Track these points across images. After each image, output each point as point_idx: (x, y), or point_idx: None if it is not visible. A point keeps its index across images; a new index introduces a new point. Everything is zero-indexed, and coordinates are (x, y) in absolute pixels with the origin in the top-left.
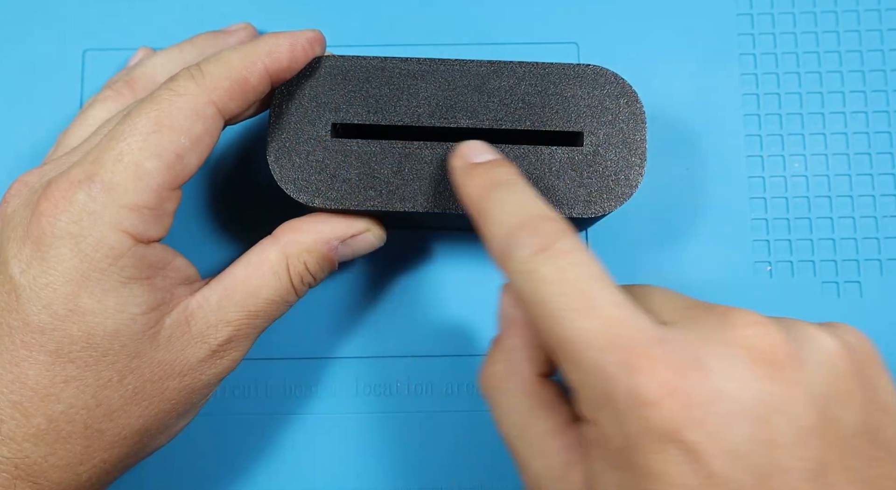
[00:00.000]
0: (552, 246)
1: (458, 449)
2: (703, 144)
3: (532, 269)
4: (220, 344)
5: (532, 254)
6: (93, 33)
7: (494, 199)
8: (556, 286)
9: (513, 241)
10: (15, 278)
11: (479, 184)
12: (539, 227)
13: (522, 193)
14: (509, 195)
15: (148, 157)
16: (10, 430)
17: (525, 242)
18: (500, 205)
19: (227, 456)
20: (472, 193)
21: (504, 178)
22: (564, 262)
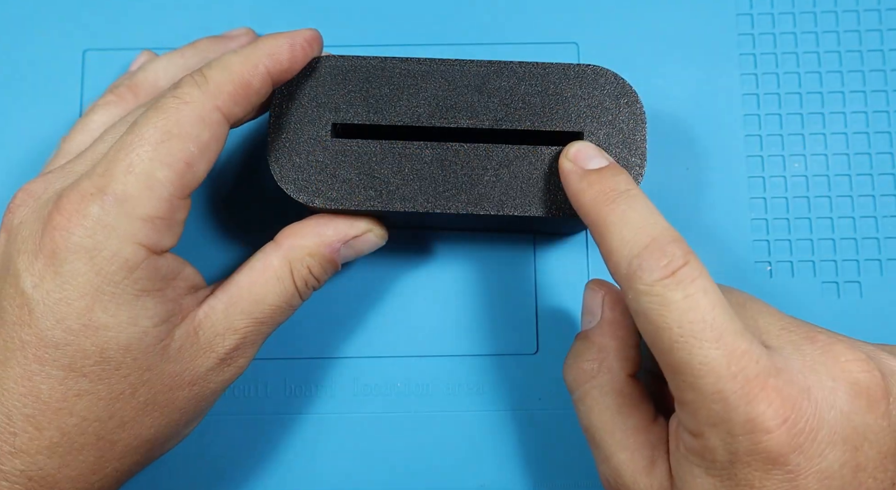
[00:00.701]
0: (680, 271)
1: (458, 449)
2: (703, 144)
3: (660, 293)
4: (227, 352)
5: (661, 278)
6: (93, 33)
7: (618, 211)
8: (685, 314)
9: (640, 261)
10: (27, 292)
11: (598, 192)
12: (667, 249)
13: (645, 207)
14: (632, 211)
15: (158, 167)
16: (24, 443)
17: (653, 265)
18: (624, 219)
19: (227, 456)
20: (591, 203)
21: (624, 188)
22: (693, 289)
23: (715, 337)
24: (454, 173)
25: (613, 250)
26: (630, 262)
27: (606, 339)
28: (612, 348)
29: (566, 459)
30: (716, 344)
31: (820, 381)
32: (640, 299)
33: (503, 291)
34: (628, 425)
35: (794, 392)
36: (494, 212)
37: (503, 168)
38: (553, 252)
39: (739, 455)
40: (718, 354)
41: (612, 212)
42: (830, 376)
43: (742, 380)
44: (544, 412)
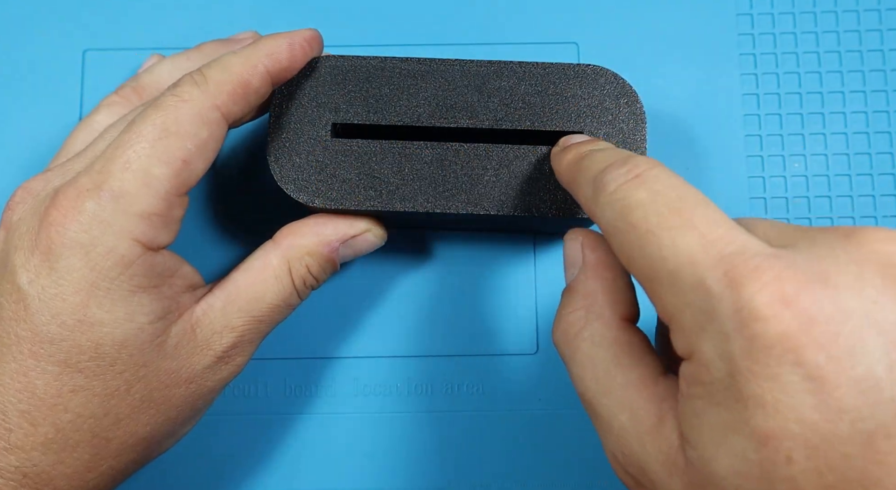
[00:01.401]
0: (645, 173)
1: (459, 449)
2: (703, 144)
3: (624, 195)
4: (225, 350)
5: (624, 182)
6: (93, 33)
7: (589, 157)
8: (650, 206)
9: (602, 175)
10: (23, 288)
11: (574, 153)
12: (631, 159)
13: (616, 149)
14: (603, 152)
15: (156, 164)
16: (19, 439)
17: (615, 174)
18: (593, 159)
19: (227, 456)
20: (566, 165)
21: (599, 146)
22: (659, 186)
23: (685, 222)
24: (454, 173)
25: (580, 183)
26: (595, 180)
27: (590, 282)
28: (598, 291)
29: (566, 459)
30: (688, 229)
31: (839, 266)
32: (605, 212)
33: (503, 291)
34: (628, 379)
35: (798, 274)
36: (494, 212)
37: (503, 168)
38: (553, 252)
39: (736, 361)
40: (691, 240)
41: (585, 159)
42: (854, 260)
43: (727, 263)
44: (544, 412)
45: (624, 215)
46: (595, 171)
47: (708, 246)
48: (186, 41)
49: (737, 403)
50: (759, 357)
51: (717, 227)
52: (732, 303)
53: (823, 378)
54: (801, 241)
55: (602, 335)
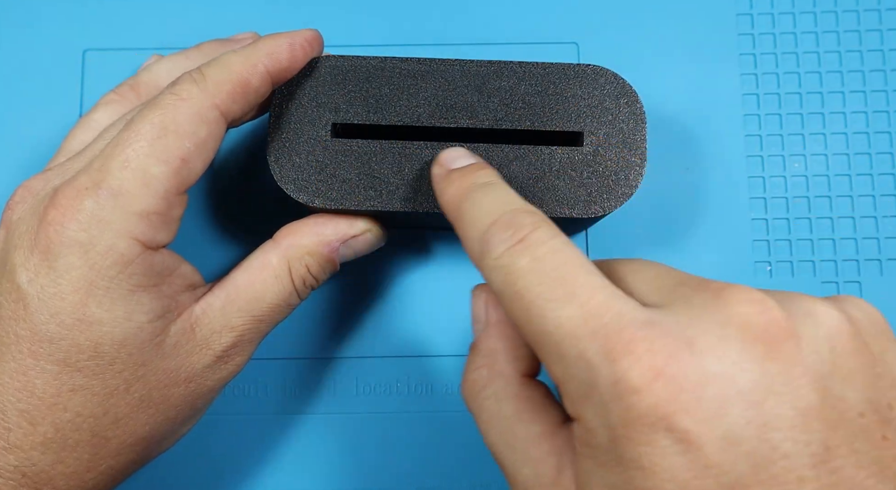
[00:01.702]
0: (528, 237)
1: (458, 449)
2: (703, 144)
3: (508, 262)
4: (224, 350)
5: (508, 248)
6: (93, 33)
7: (471, 199)
8: (533, 276)
9: (488, 237)
10: (23, 287)
11: (456, 188)
12: (514, 220)
13: (499, 192)
14: (485, 196)
15: (154, 162)
16: (18, 439)
17: (500, 238)
18: (477, 205)
19: (227, 456)
20: (449, 199)
21: (482, 181)
22: (541, 252)
23: (567, 294)
24: None
25: (466, 236)
26: (480, 240)
27: (492, 340)
28: (500, 350)
29: None
30: (569, 301)
31: (705, 330)
32: (492, 276)
33: None
34: (530, 434)
35: (668, 344)
36: None
37: (503, 168)
38: None
39: (616, 429)
40: (573, 312)
41: (467, 201)
42: (718, 323)
43: (602, 336)
44: None
45: (509, 283)
46: (481, 228)
47: (588, 318)
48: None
49: (618, 466)
50: (635, 425)
51: (595, 294)
52: (610, 375)
53: (690, 440)
54: (677, 302)
55: (504, 392)
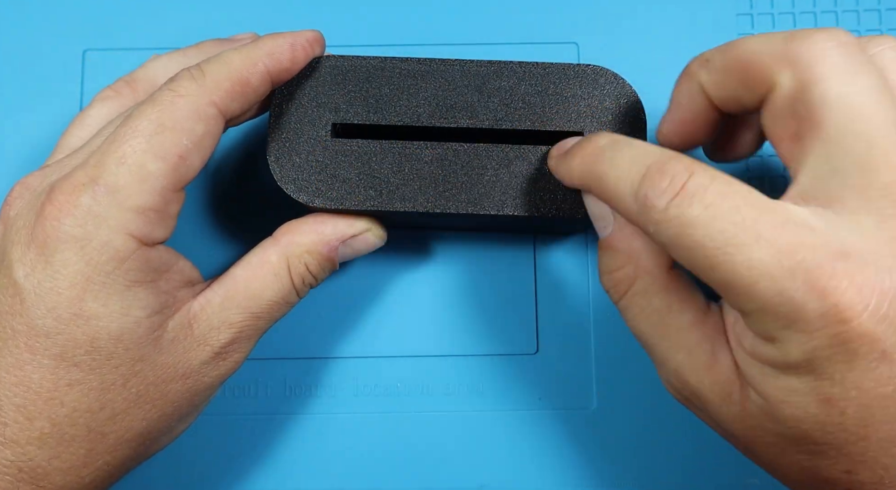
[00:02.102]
0: (688, 184)
1: (458, 449)
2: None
3: (678, 214)
4: (222, 346)
5: (671, 198)
6: (93, 33)
7: (605, 160)
8: (711, 225)
9: (645, 191)
10: (19, 282)
11: (582, 157)
12: (665, 169)
13: (631, 145)
14: (618, 152)
15: (151, 159)
16: (14, 434)
17: (658, 190)
18: (614, 164)
19: (227, 456)
20: (578, 169)
21: (604, 142)
22: (709, 198)
23: (752, 237)
24: (454, 173)
25: (615, 195)
26: (635, 197)
27: (629, 240)
28: (639, 248)
29: (566, 459)
30: (756, 244)
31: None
32: (661, 229)
33: (503, 291)
34: (682, 323)
35: (870, 274)
36: (494, 212)
37: (503, 168)
38: (553, 252)
39: (818, 351)
40: (763, 254)
41: (600, 163)
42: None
43: (802, 274)
44: (544, 412)
45: (685, 235)
46: (631, 184)
47: (781, 258)
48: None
49: (808, 375)
50: (839, 349)
51: (780, 233)
52: (817, 309)
53: (887, 356)
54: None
55: (653, 287)
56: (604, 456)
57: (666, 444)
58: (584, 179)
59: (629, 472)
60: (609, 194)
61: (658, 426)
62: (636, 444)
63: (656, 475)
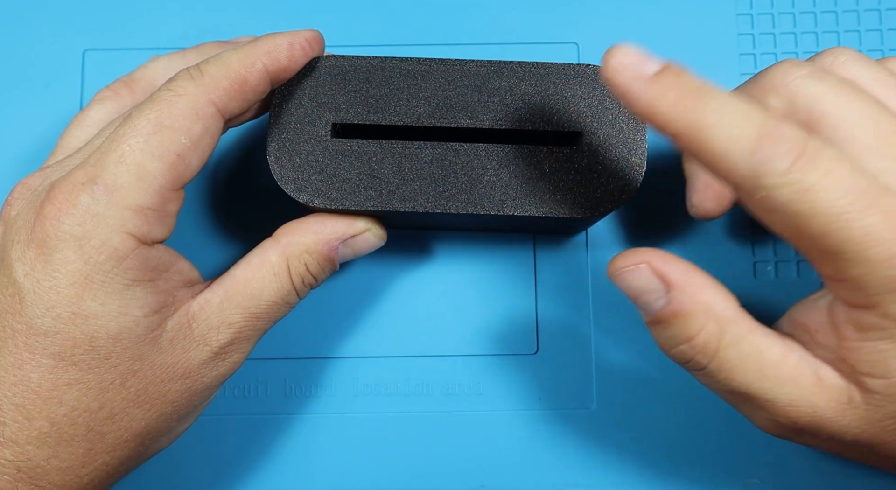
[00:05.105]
0: (807, 149)
1: (458, 449)
2: None
3: (798, 179)
4: (221, 346)
5: (791, 163)
6: (93, 33)
7: (710, 110)
8: (832, 190)
9: (762, 155)
10: (19, 281)
11: (676, 97)
12: (781, 133)
13: (730, 98)
14: (723, 106)
15: (149, 158)
16: (13, 433)
17: (778, 153)
18: (723, 115)
19: (227, 456)
20: (673, 109)
21: (697, 85)
22: (826, 164)
23: (870, 201)
24: (454, 173)
25: (723, 152)
26: (750, 159)
27: (699, 295)
28: (711, 300)
29: (566, 459)
30: (873, 208)
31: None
32: (776, 194)
33: (503, 291)
34: (776, 357)
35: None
36: (494, 212)
37: (503, 168)
38: (553, 252)
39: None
40: (879, 219)
41: (705, 112)
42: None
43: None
44: (544, 412)
45: (804, 201)
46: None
47: (892, 221)
48: (186, 41)
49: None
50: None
51: (889, 197)
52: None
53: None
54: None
55: (739, 333)
56: (604, 456)
57: (666, 444)
58: (675, 123)
59: (629, 472)
60: (713, 149)
61: (658, 426)
62: (636, 444)
63: (656, 475)
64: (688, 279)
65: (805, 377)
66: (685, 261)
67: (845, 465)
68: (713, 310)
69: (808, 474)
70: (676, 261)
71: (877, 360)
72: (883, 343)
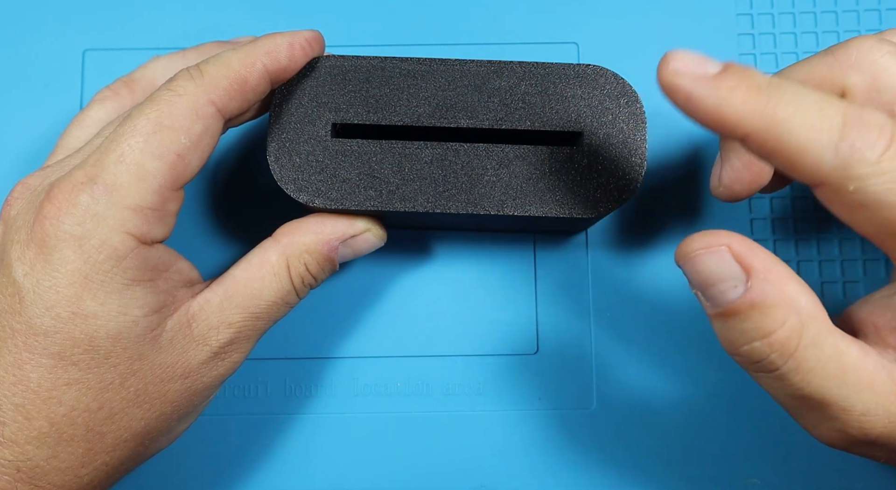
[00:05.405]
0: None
1: (458, 449)
2: (703, 145)
3: (891, 167)
4: (221, 346)
5: (884, 149)
6: (93, 33)
7: (783, 105)
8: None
9: (851, 143)
10: (18, 281)
11: (745, 94)
12: (865, 119)
13: (803, 89)
14: (797, 98)
15: (149, 157)
16: (13, 433)
17: (867, 141)
18: (798, 109)
19: (227, 456)
20: (742, 108)
21: (764, 80)
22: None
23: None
24: (454, 173)
25: (806, 146)
26: (837, 149)
27: (782, 286)
28: (796, 293)
29: (566, 459)
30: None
31: None
32: (868, 184)
33: (503, 291)
34: (854, 361)
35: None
36: (494, 212)
37: (503, 168)
38: (553, 252)
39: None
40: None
41: (778, 108)
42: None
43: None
44: (544, 412)
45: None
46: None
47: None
48: (186, 41)
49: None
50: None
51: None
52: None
53: None
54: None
55: (822, 333)
56: (604, 456)
57: (666, 444)
58: (747, 123)
59: (629, 472)
60: (793, 146)
61: (658, 426)
62: (636, 444)
63: (656, 475)
64: (772, 267)
65: (882, 383)
66: (765, 248)
67: (846, 465)
68: (797, 304)
69: (809, 474)
70: (757, 246)
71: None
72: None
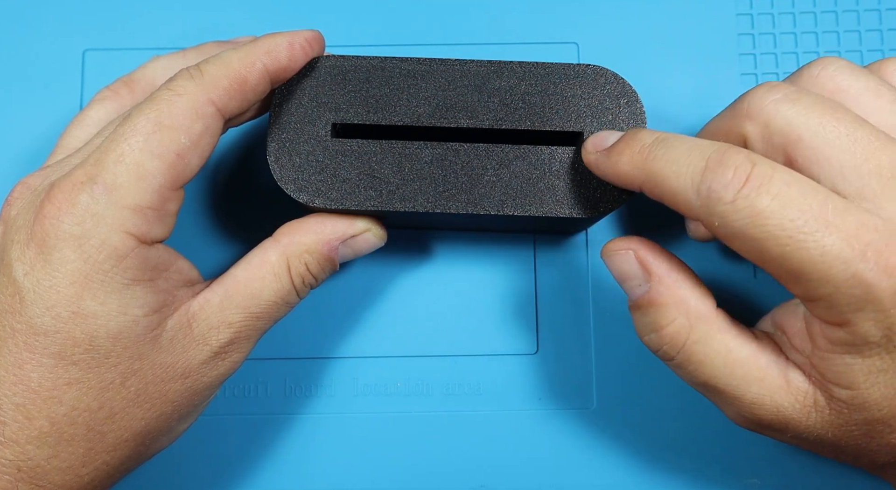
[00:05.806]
0: (753, 175)
1: (458, 449)
2: None
3: (746, 204)
4: (221, 346)
5: (738, 189)
6: (93, 33)
7: (657, 158)
8: (782, 214)
9: (709, 184)
10: (19, 281)
11: (630, 155)
12: (725, 160)
13: (682, 140)
14: (670, 148)
15: (149, 157)
16: (13, 433)
17: (723, 182)
18: (669, 160)
19: (227, 456)
20: (629, 168)
21: (651, 139)
22: (776, 187)
23: (822, 224)
24: (454, 173)
25: (676, 191)
26: (698, 190)
27: (674, 290)
28: (686, 295)
29: (566, 459)
30: (827, 230)
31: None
32: (729, 220)
33: (503, 291)
34: (745, 356)
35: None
36: (494, 212)
37: (503, 168)
38: (553, 252)
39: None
40: (835, 239)
41: (654, 161)
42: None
43: (873, 254)
44: (544, 412)
45: (755, 225)
46: (692, 179)
47: (851, 241)
48: (186, 41)
49: (889, 354)
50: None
51: (844, 217)
52: (889, 286)
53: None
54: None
55: (710, 332)
56: (604, 456)
57: (666, 444)
58: (635, 178)
59: (629, 471)
60: (667, 191)
61: (658, 426)
62: (636, 444)
63: (656, 475)
64: (668, 272)
65: (772, 378)
66: (672, 255)
67: (846, 466)
68: (686, 305)
69: (809, 474)
70: (662, 253)
71: (844, 371)
72: (850, 357)
